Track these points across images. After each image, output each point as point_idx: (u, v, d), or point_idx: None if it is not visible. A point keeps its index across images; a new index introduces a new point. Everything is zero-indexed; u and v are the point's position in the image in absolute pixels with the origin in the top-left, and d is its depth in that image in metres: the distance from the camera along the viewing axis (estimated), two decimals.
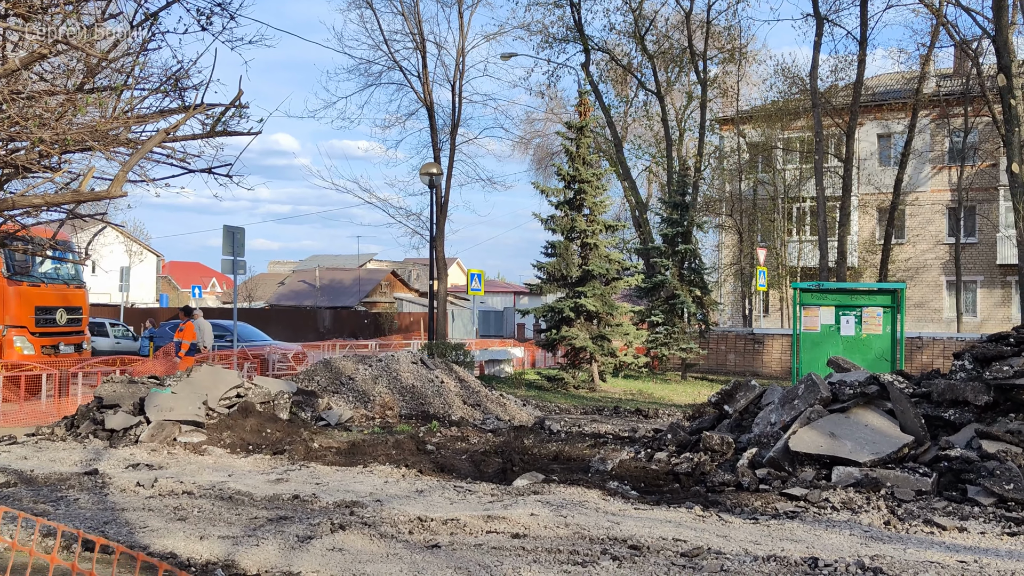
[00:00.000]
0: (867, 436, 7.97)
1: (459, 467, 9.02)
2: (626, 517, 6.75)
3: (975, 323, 35.00)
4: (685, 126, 38.55)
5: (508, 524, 6.34)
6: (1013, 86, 21.65)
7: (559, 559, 5.46)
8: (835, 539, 6.16)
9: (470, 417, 13.11)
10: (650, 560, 5.44)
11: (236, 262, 17.87)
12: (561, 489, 7.77)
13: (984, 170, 34.93)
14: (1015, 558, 5.66)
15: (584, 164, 21.36)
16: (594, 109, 27.81)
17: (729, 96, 37.04)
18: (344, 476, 8.56)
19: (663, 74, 35.01)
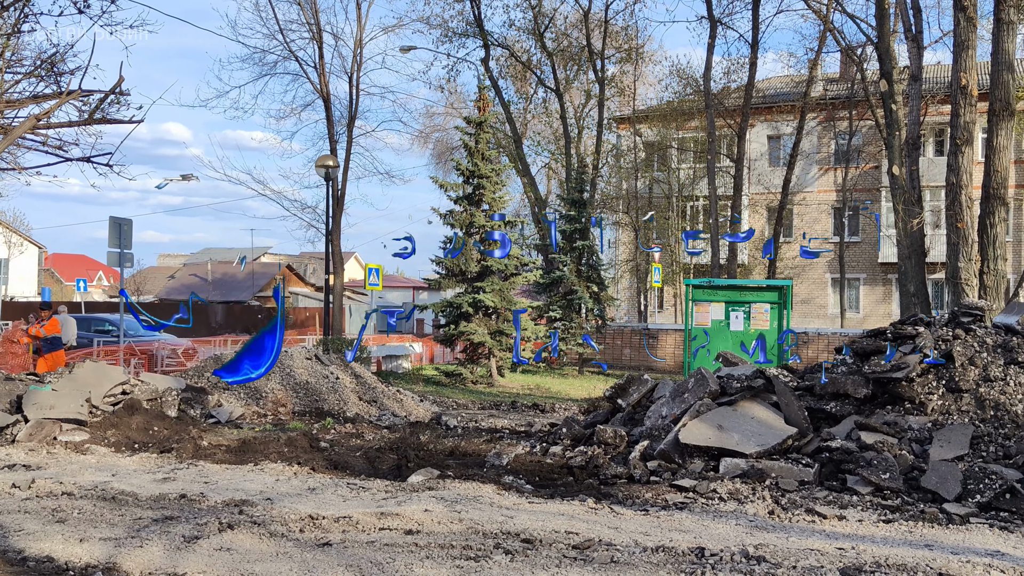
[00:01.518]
0: (753, 428, 8.20)
1: (353, 464, 8.91)
2: (520, 511, 6.78)
3: (858, 319, 36.46)
4: (584, 124, 39.01)
5: (402, 521, 6.28)
6: (894, 92, 22.57)
7: (452, 555, 5.44)
8: (722, 529, 6.31)
9: (366, 413, 12.98)
10: (542, 553, 5.47)
11: (123, 255, 17.26)
12: (456, 485, 7.76)
13: (867, 172, 36.39)
14: (889, 544, 5.90)
15: (483, 159, 21.39)
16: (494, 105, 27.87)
17: (626, 95, 37.62)
18: (234, 474, 8.35)
19: (562, 72, 35.33)
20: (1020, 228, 34.46)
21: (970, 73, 16.46)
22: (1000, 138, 16.57)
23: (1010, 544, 6.02)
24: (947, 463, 7.38)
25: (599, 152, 33.69)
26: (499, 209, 21.83)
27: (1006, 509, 6.87)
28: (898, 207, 21.30)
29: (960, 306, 9.71)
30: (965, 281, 15.81)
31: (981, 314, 9.36)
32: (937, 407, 8.31)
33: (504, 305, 20.92)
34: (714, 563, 5.25)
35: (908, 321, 9.64)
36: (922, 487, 7.20)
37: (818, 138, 37.88)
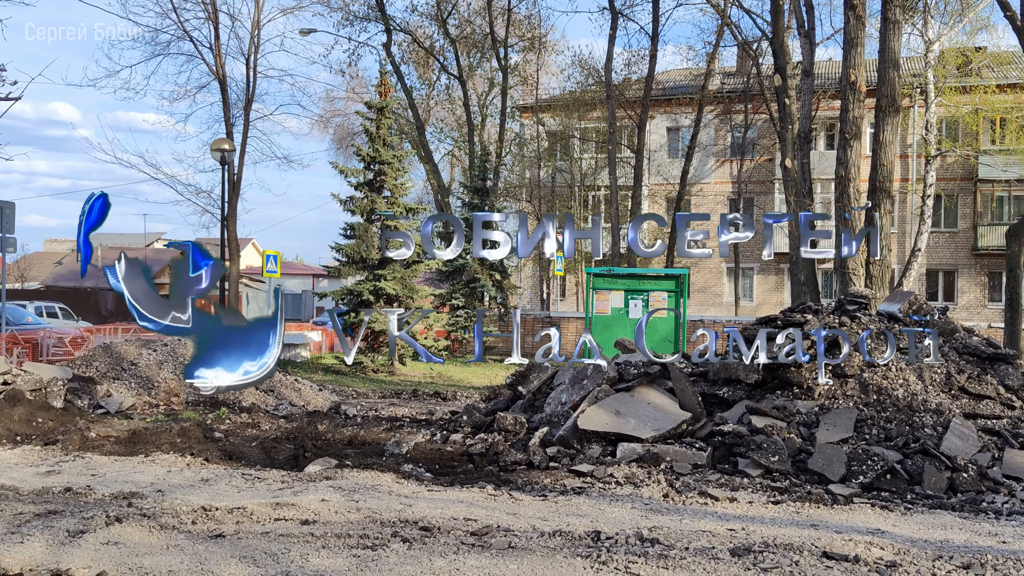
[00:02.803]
0: (650, 413, 8.36)
1: (248, 454, 8.74)
2: (419, 499, 6.75)
3: (752, 307, 37.52)
4: (487, 112, 39.02)
5: (298, 511, 6.19)
6: (788, 86, 23.26)
7: (349, 544, 5.38)
8: (618, 512, 6.41)
9: (262, 403, 12.73)
10: (440, 540, 5.47)
11: (4, 239, 16.50)
12: (354, 474, 7.68)
13: (762, 164, 37.44)
14: (777, 524, 6.09)
15: (385, 145, 21.17)
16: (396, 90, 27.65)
17: (529, 84, 37.80)
18: (123, 466, 8.08)
19: (465, 59, 35.26)
20: (904, 220, 35.97)
21: (859, 70, 17.05)
22: (886, 133, 17.22)
23: (890, 522, 6.29)
24: (833, 446, 7.66)
25: (502, 140, 33.76)
26: (401, 196, 21.66)
27: (887, 489, 7.18)
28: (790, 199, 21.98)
29: (846, 295, 10.08)
30: (852, 271, 16.41)
31: (866, 302, 9.74)
32: (824, 392, 8.61)
33: (406, 293, 20.79)
34: (609, 546, 5.33)
35: (797, 309, 9.95)
36: (809, 469, 7.45)
37: (715, 131, 38.77)
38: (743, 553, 5.19)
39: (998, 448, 7.76)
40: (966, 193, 36.17)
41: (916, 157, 35.55)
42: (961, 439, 7.73)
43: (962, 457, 7.49)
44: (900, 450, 7.68)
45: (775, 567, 4.95)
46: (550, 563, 5.01)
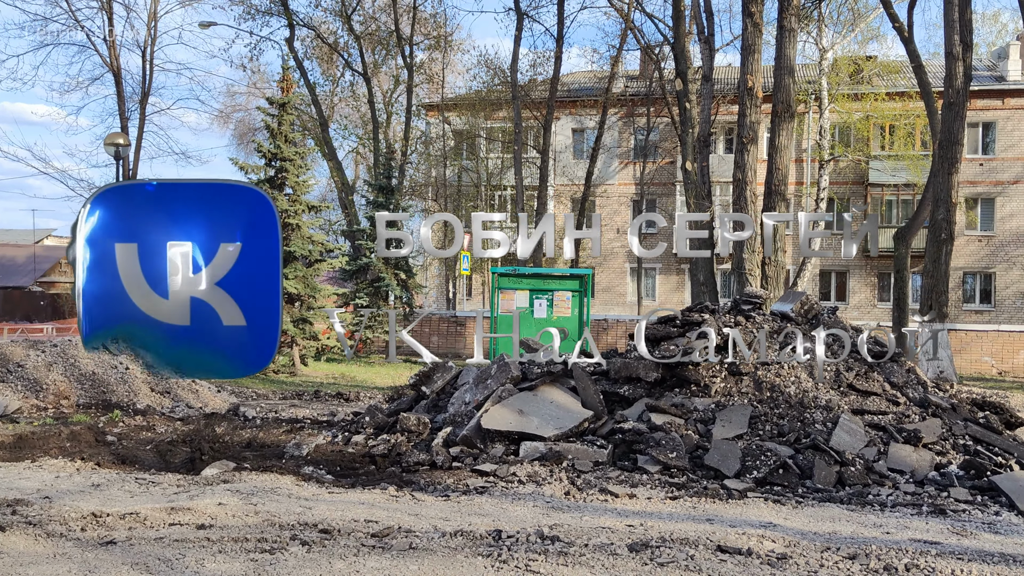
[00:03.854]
0: (553, 412, 8.43)
1: (142, 458, 8.48)
2: (319, 501, 6.67)
3: (654, 306, 38.22)
4: (392, 109, 38.77)
5: (193, 515, 6.04)
6: (688, 91, 23.76)
7: (246, 548, 5.28)
8: (520, 511, 6.45)
9: (158, 405, 12.36)
10: (340, 543, 5.41)
11: None
12: (253, 476, 7.54)
13: (664, 166, 38.17)
14: (675, 519, 6.22)
15: (287, 142, 20.82)
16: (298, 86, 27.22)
17: (435, 83, 37.68)
18: (7, 472, 7.75)
19: (370, 56, 34.95)
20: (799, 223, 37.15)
21: (756, 76, 17.55)
22: (782, 138, 17.78)
23: (782, 516, 6.48)
24: (728, 442, 7.86)
25: (408, 138, 33.59)
26: (303, 193, 21.34)
27: (779, 483, 7.41)
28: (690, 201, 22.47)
29: (742, 295, 10.35)
30: (749, 271, 16.90)
31: (760, 302, 10.02)
32: (720, 389, 8.83)
33: (308, 292, 20.49)
34: (510, 544, 5.36)
35: (696, 308, 10.18)
36: (706, 465, 7.63)
37: (619, 133, 39.34)
38: (641, 548, 5.28)
39: (884, 442, 8.08)
40: (857, 196, 37.56)
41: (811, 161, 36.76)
42: (849, 434, 8.02)
43: (850, 451, 7.78)
44: (792, 445, 7.93)
45: (671, 561, 5.06)
46: (451, 563, 5.01)
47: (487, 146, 38.31)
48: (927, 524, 6.39)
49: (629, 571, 4.90)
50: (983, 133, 36.73)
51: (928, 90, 23.87)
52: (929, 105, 23.76)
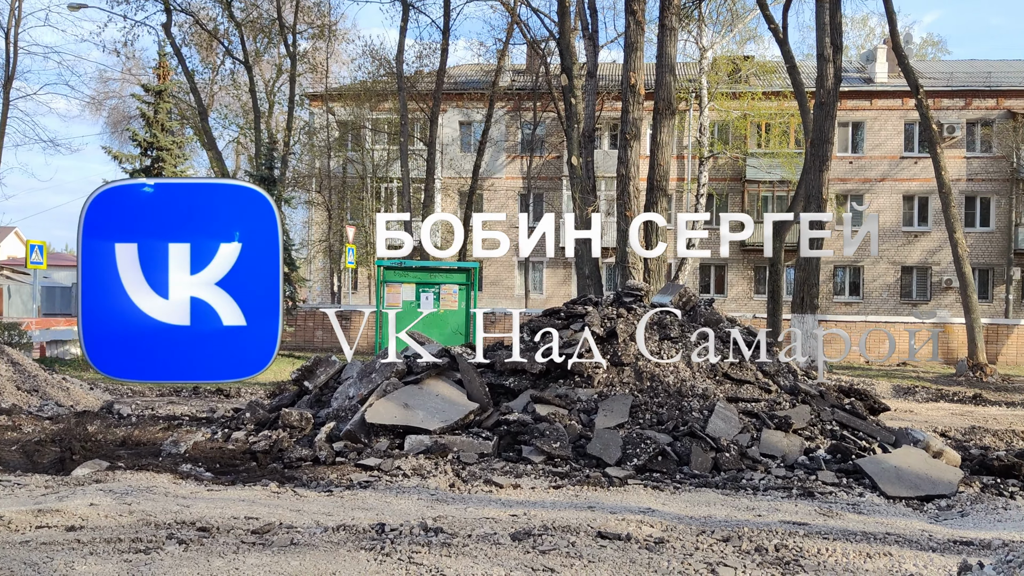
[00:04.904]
0: (438, 405, 8.44)
1: (8, 460, 8.10)
2: (198, 499, 6.50)
3: (541, 299, 38.58)
4: (275, 99, 37.97)
5: (63, 517, 5.80)
6: (574, 86, 24.05)
7: (120, 549, 5.11)
8: (404, 504, 6.44)
9: (25, 404, 11.82)
10: (219, 540, 5.29)
11: None
12: (127, 476, 7.29)
13: (551, 161, 38.55)
14: (557, 508, 6.32)
15: (164, 131, 20.18)
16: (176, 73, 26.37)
17: (319, 72, 37.07)
18: None
19: (252, 44, 34.11)
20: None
21: (639, 73, 17.88)
22: (663, 134, 18.18)
23: (660, 501, 6.67)
24: (610, 431, 8.03)
25: (290, 129, 32.96)
26: None
27: (658, 470, 7.61)
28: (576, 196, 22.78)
29: (624, 287, 10.57)
30: (632, 265, 17.23)
31: (641, 294, 10.26)
32: (603, 380, 9.00)
33: None
34: (394, 537, 5.35)
35: (579, 301, 10.35)
36: (588, 454, 7.78)
37: (506, 127, 39.52)
38: (523, 537, 5.35)
39: (756, 429, 8.39)
40: (735, 192, 38.75)
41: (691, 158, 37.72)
42: (724, 421, 8.30)
43: (725, 438, 8.05)
44: (671, 433, 8.15)
45: (553, 549, 5.14)
46: (333, 557, 4.97)
47: (373, 137, 37.92)
48: (796, 506, 6.68)
49: (512, 560, 4.96)
50: (853, 132, 38.41)
51: (801, 90, 24.80)
52: (802, 105, 24.70)
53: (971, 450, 9.35)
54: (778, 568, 4.91)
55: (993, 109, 37.27)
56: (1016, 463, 8.08)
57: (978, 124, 37.45)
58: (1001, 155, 36.92)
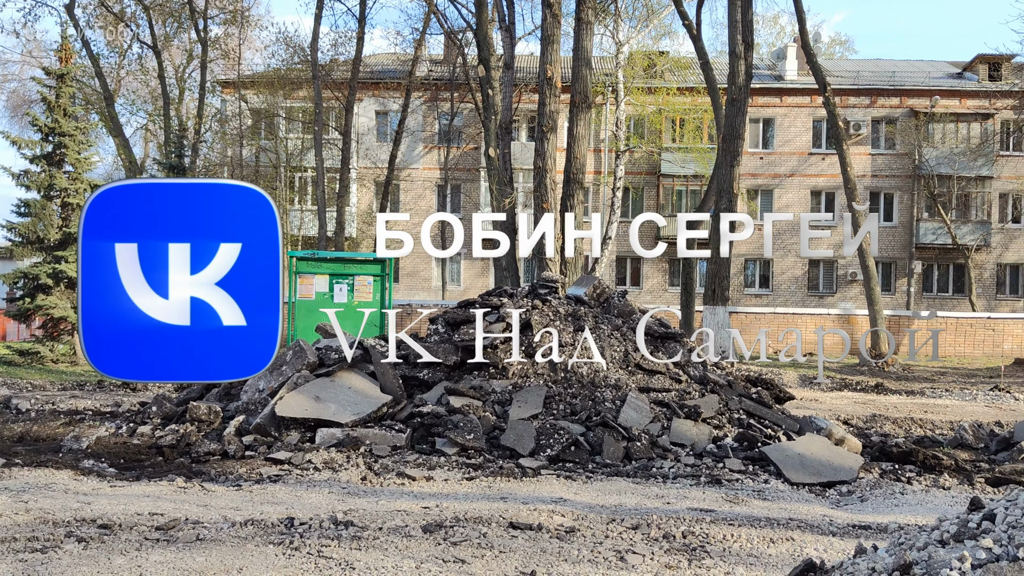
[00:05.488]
0: (350, 398, 8.35)
1: None
2: (100, 496, 6.31)
3: (459, 291, 38.47)
4: (185, 85, 37.02)
5: None
6: (491, 78, 24.01)
7: (15, 548, 4.93)
8: (315, 498, 6.36)
9: None
10: (122, 538, 5.14)
11: None
12: (25, 472, 7.04)
13: (468, 152, 38.45)
14: (470, 499, 6.33)
15: (66, 116, 19.46)
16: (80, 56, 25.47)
17: (232, 59, 36.20)
18: None
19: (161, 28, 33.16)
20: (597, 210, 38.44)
21: (555, 66, 17.97)
22: (580, 128, 18.32)
23: (572, 491, 6.73)
24: (524, 422, 8.06)
25: (201, 116, 32.16)
26: (85, 171, 20.02)
27: (571, 460, 7.68)
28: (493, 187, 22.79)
29: (539, 279, 10.62)
30: (549, 257, 17.32)
31: (556, 286, 10.32)
32: (517, 371, 9.04)
33: None
34: (303, 531, 5.28)
35: (495, 293, 10.36)
36: (502, 445, 7.81)
37: (424, 117, 39.26)
38: (435, 529, 5.33)
39: (667, 418, 8.53)
40: (651, 186, 39.26)
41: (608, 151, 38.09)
42: (636, 411, 8.41)
43: (636, 427, 8.17)
44: (584, 423, 8.23)
45: (464, 540, 5.14)
46: (240, 552, 4.88)
47: (287, 126, 37.26)
48: (704, 493, 6.81)
49: (422, 552, 4.94)
50: (764, 129, 39.27)
51: (714, 86, 25.24)
52: (715, 101, 25.14)
53: (872, 437, 9.67)
54: (685, 554, 5.00)
55: (897, 107, 38.52)
56: (913, 449, 8.39)
57: (883, 122, 38.67)
58: (904, 152, 38.19)
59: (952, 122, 38.02)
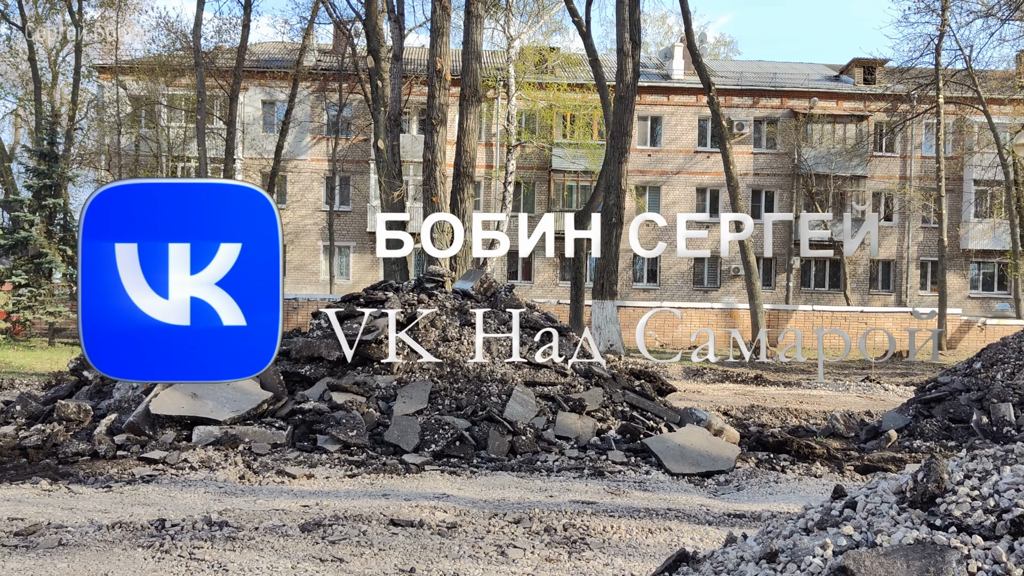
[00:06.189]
0: (229, 395, 8.12)
1: None
2: None
3: (348, 285, 37.95)
4: (59, 69, 35.33)
5: None
6: (381, 69, 23.74)
7: None
8: (190, 498, 6.15)
9: None
10: None
11: None
12: None
13: (357, 144, 37.96)
14: (351, 497, 6.22)
15: None
16: None
17: (109, 43, 34.79)
18: None
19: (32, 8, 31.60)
20: (489, 205, 38.52)
21: (445, 59, 17.87)
22: (470, 121, 18.29)
23: (456, 486, 6.69)
24: (408, 417, 7.99)
25: (76, 102, 30.79)
26: None
27: (456, 455, 7.64)
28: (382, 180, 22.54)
29: (425, 273, 10.55)
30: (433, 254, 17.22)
31: (442, 280, 10.26)
32: (403, 366, 8.95)
33: None
34: (174, 533, 5.09)
35: (380, 287, 10.23)
36: (386, 441, 7.71)
37: (312, 107, 38.57)
38: (313, 528, 5.22)
39: (552, 412, 8.58)
40: (542, 181, 39.54)
41: (499, 146, 38.19)
42: (522, 405, 8.44)
43: (522, 422, 8.19)
44: (469, 418, 8.21)
45: (343, 538, 5.05)
46: (106, 557, 4.68)
47: (169, 114, 36.02)
48: (587, 486, 6.87)
49: (300, 551, 4.83)
50: (652, 126, 40.02)
51: (603, 83, 25.57)
52: (604, 98, 25.47)
53: (750, 427, 9.96)
54: (565, 547, 5.02)
55: (778, 108, 39.83)
56: (788, 439, 8.67)
57: (764, 122, 39.92)
58: (784, 152, 39.51)
59: (829, 123, 39.55)
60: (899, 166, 40.08)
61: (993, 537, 2.86)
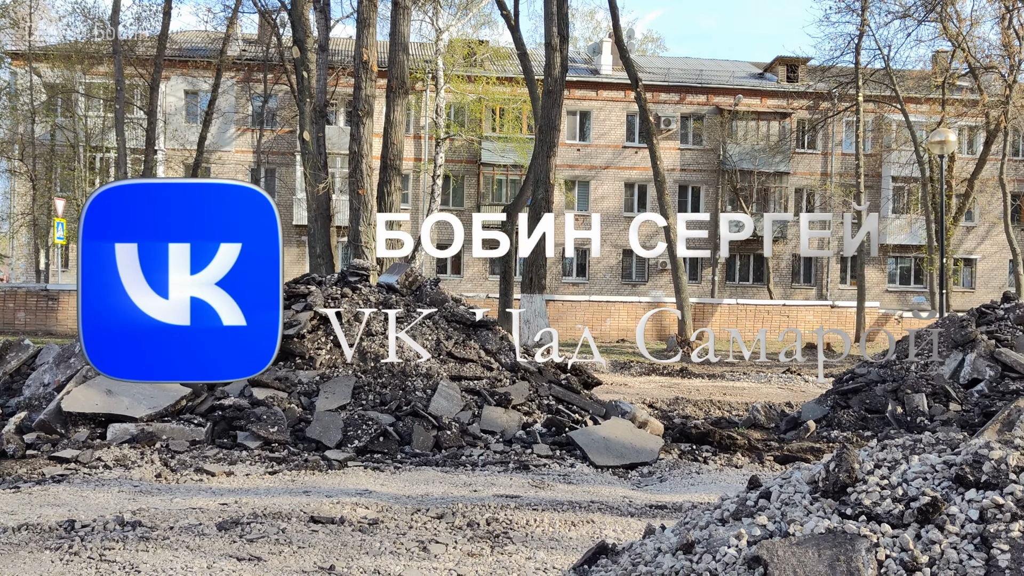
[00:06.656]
0: (146, 391, 7.91)
1: None
2: None
3: None
4: None
5: None
6: (307, 60, 23.38)
7: None
8: (103, 498, 5.97)
9: None
10: None
11: None
12: None
13: (282, 136, 37.39)
14: (272, 494, 6.11)
15: None
16: None
17: (22, 28, 33.59)
18: None
19: None
20: (418, 198, 38.34)
21: (371, 50, 17.69)
22: (396, 113, 18.16)
23: (379, 482, 6.62)
24: (331, 413, 7.88)
25: None
26: None
27: (380, 451, 7.56)
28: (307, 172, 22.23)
29: (349, 266, 10.42)
30: (365, 244, 17.07)
31: (367, 274, 10.15)
32: (326, 361, 8.82)
33: None
34: (84, 535, 4.93)
35: (302, 280, 10.07)
36: (308, 437, 7.60)
37: (236, 98, 37.86)
38: (231, 526, 5.11)
39: (478, 406, 8.55)
40: (471, 175, 39.47)
41: (428, 139, 37.99)
42: (447, 399, 8.39)
43: (447, 416, 8.15)
44: (393, 413, 8.13)
45: (262, 536, 4.95)
46: (11, 560, 4.51)
47: (86, 103, 34.94)
48: (511, 480, 6.87)
49: (216, 550, 4.72)
50: (580, 121, 40.24)
51: (532, 77, 25.58)
52: (532, 91, 25.48)
53: (674, 419, 10.08)
54: (488, 541, 5.00)
55: (704, 105, 40.41)
56: (711, 430, 8.79)
57: (691, 118, 40.46)
58: (710, 147, 40.12)
59: (753, 120, 40.28)
60: (821, 163, 41.02)
61: (901, 525, 2.92)
